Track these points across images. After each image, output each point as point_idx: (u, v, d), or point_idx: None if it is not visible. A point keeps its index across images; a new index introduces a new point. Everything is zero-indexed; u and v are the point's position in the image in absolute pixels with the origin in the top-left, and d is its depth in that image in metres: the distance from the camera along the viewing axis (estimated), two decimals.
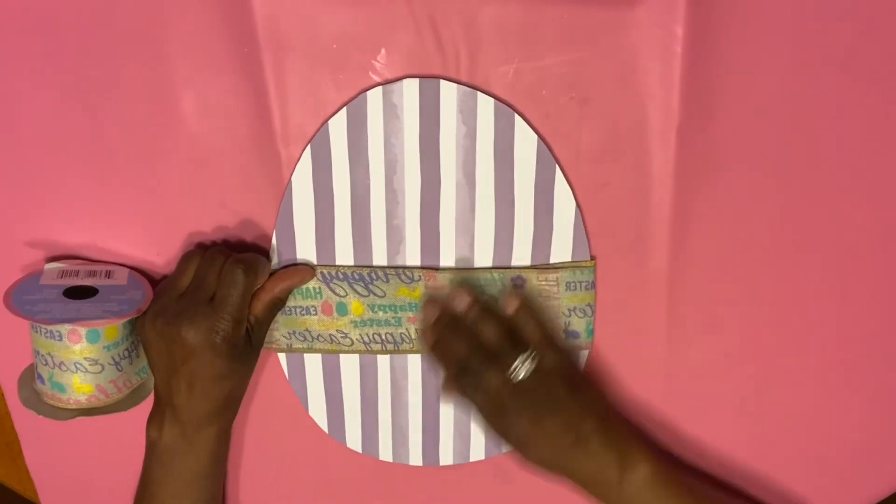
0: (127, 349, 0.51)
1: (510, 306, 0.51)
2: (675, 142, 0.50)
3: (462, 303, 0.51)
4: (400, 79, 0.49)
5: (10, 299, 0.49)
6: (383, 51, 0.49)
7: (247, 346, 0.50)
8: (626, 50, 0.48)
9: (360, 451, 0.56)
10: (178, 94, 0.50)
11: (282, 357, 0.55)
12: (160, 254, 0.54)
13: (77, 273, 0.52)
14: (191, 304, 0.49)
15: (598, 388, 0.54)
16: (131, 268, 0.53)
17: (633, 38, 0.48)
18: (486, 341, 0.50)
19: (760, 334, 0.54)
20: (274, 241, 0.53)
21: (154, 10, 0.49)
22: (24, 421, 0.58)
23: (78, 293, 0.50)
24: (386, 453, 0.56)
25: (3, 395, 0.57)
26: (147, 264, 0.54)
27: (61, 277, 0.51)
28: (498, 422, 0.49)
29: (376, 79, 0.50)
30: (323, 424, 0.56)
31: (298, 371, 0.55)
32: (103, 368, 0.50)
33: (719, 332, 0.53)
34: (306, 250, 0.53)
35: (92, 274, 0.52)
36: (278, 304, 0.52)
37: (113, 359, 0.50)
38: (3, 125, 0.51)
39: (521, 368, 0.48)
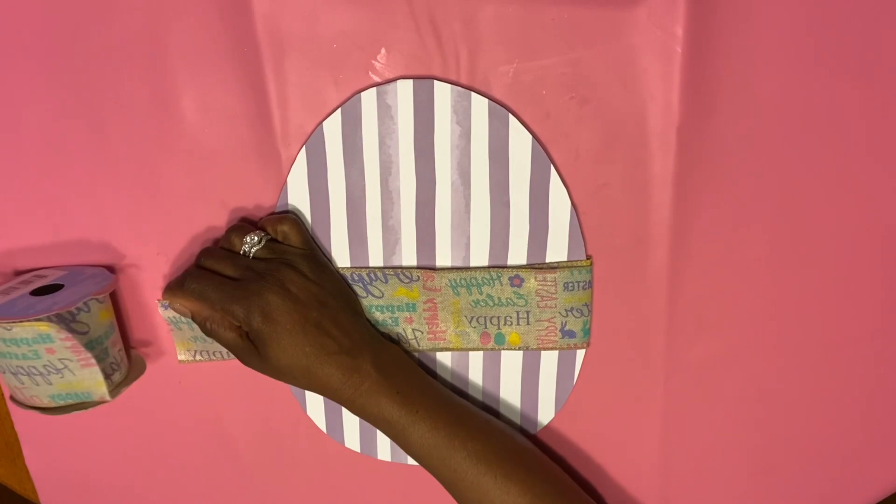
0: (46, 367, 0.48)
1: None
2: (675, 142, 0.50)
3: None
4: (394, 80, 0.49)
5: None
6: (383, 51, 0.49)
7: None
8: (626, 50, 0.48)
9: (358, 450, 0.56)
10: (178, 94, 0.50)
11: None
12: (160, 253, 0.54)
13: (46, 276, 0.52)
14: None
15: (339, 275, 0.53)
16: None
17: (633, 38, 0.48)
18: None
19: (760, 334, 0.54)
20: None
21: (154, 10, 0.49)
22: (24, 421, 0.58)
23: (48, 292, 0.50)
24: (384, 453, 0.56)
25: (2, 395, 0.57)
26: (147, 264, 0.54)
27: (36, 279, 0.51)
28: (234, 302, 0.47)
29: (376, 79, 0.50)
30: (321, 424, 0.56)
31: None
32: (16, 376, 0.48)
33: (719, 332, 0.53)
34: None
35: (68, 276, 0.52)
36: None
37: (24, 369, 0.48)
38: (4, 125, 0.51)
39: (253, 238, 0.49)
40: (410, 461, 0.56)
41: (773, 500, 0.57)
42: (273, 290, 0.48)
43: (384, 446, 0.56)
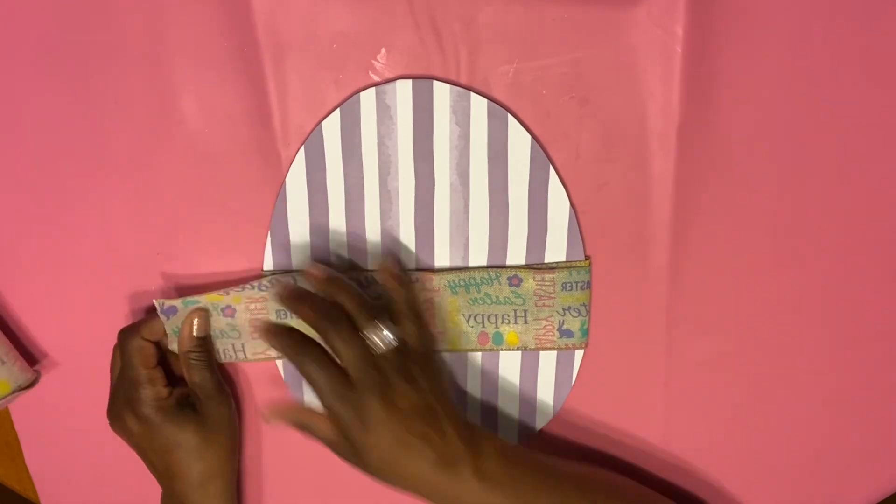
0: None
1: (382, 275, 0.49)
2: (675, 142, 0.50)
3: (315, 270, 0.48)
4: (394, 79, 0.49)
5: None
6: (383, 51, 0.49)
7: (183, 406, 0.51)
8: (626, 50, 0.48)
9: None
10: (178, 94, 0.50)
11: (278, 361, 0.55)
12: (160, 253, 0.54)
13: None
14: (112, 394, 0.52)
15: (447, 380, 0.51)
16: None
17: (633, 38, 0.48)
18: (344, 308, 0.47)
19: (761, 334, 0.54)
20: (268, 243, 0.52)
21: (154, 10, 0.49)
22: (24, 421, 0.58)
23: None
24: None
25: None
26: (147, 264, 0.54)
27: None
28: (340, 405, 0.45)
29: (376, 79, 0.50)
30: None
31: (295, 374, 0.53)
32: None
33: (719, 332, 0.53)
34: (301, 252, 0.52)
35: None
36: (193, 353, 0.51)
37: None
38: (4, 125, 0.52)
39: (382, 339, 0.46)
40: None
41: (774, 499, 0.57)
42: (381, 405, 0.45)
43: None
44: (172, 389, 0.51)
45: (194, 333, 0.51)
